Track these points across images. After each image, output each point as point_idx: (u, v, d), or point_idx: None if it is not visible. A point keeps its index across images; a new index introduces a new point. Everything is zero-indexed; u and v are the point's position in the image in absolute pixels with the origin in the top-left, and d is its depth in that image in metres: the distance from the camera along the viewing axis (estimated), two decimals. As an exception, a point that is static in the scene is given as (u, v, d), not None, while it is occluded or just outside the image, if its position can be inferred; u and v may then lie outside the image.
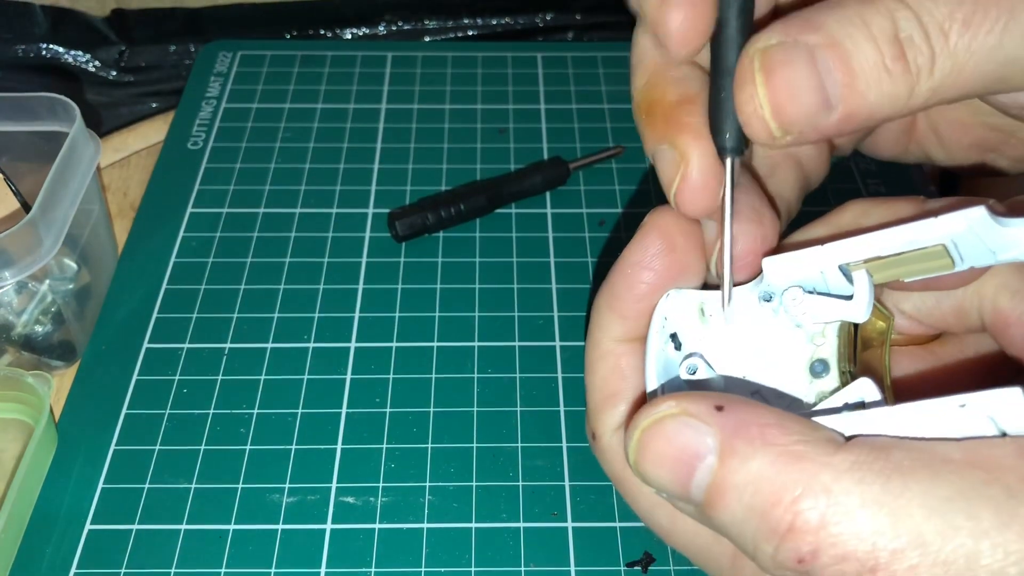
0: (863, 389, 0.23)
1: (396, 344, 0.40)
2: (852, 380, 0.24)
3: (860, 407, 0.23)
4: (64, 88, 0.49)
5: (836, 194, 0.44)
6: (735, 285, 0.26)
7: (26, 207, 0.40)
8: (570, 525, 0.34)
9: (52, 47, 0.58)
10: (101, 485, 0.35)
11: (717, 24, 0.24)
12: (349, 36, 0.60)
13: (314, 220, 0.45)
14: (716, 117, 0.24)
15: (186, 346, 0.40)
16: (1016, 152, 0.31)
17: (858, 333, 0.26)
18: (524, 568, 0.33)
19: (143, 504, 0.34)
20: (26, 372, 0.36)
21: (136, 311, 0.41)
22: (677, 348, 0.26)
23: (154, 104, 0.58)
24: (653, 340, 0.26)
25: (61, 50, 0.58)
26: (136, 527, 0.34)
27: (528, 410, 0.38)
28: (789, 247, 0.26)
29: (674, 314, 0.26)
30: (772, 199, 0.28)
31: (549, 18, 0.60)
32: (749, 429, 0.21)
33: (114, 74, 0.59)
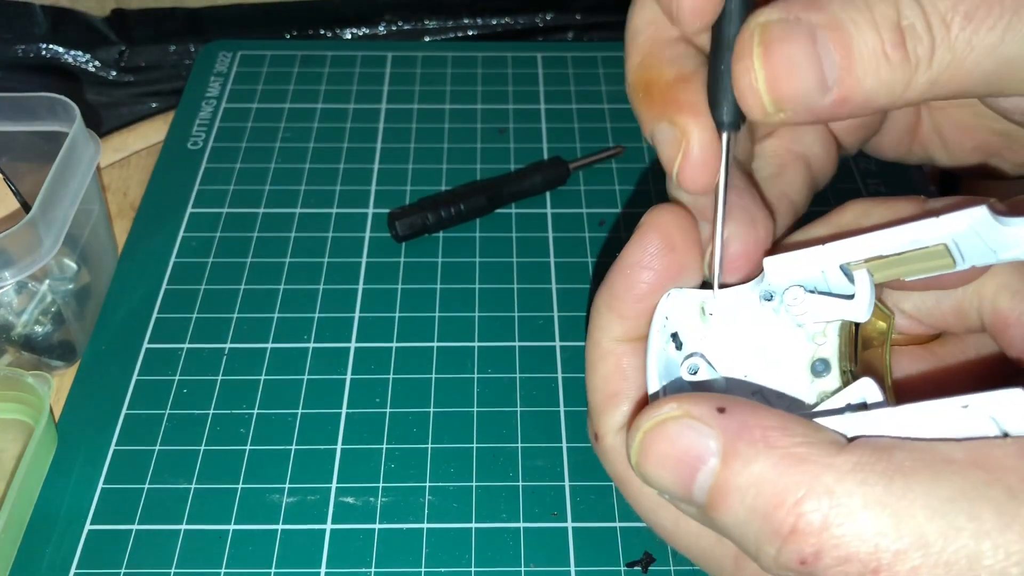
0: (865, 389, 0.23)
1: (396, 344, 0.40)
2: (853, 379, 0.24)
3: (862, 407, 0.23)
4: (64, 88, 0.49)
5: (836, 194, 0.44)
6: (731, 284, 0.26)
7: (26, 207, 0.40)
8: (570, 525, 0.34)
9: (52, 47, 0.58)
10: (101, 485, 0.35)
11: None
12: (349, 36, 0.60)
13: (314, 220, 0.45)
14: (714, 90, 0.24)
15: (186, 346, 0.40)
16: (1019, 157, 0.31)
17: (859, 332, 0.26)
18: (524, 568, 0.33)
19: (143, 504, 0.34)
20: (26, 372, 0.36)
21: (136, 311, 0.41)
22: (678, 348, 0.26)
23: (154, 104, 0.58)
24: (654, 340, 0.26)
25: (61, 50, 0.58)
26: (136, 527, 0.34)
27: (528, 410, 0.38)
28: (789, 247, 0.26)
29: (675, 313, 0.26)
30: (769, 202, 0.28)
31: (549, 18, 0.60)
32: (751, 431, 0.21)
33: (114, 74, 0.59)
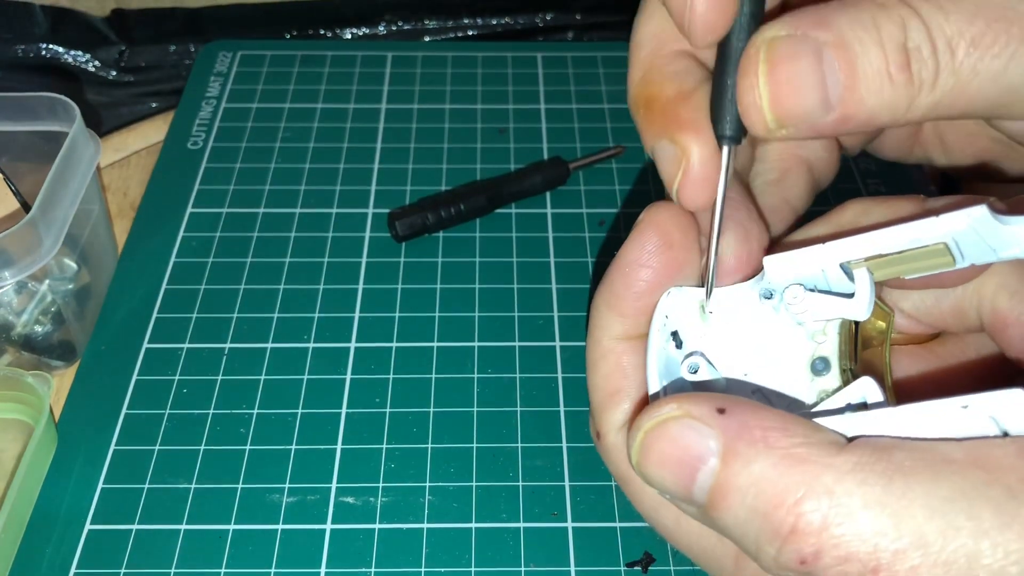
0: (865, 388, 0.23)
1: (396, 344, 0.40)
2: (853, 378, 0.24)
3: (862, 407, 0.23)
4: (64, 88, 0.49)
5: (836, 194, 0.44)
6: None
7: (26, 207, 0.40)
8: (570, 525, 0.34)
9: (52, 47, 0.58)
10: (101, 485, 0.35)
11: None
12: (349, 36, 0.60)
13: (314, 220, 0.45)
14: (718, 104, 0.24)
15: (186, 346, 0.40)
16: (1019, 166, 0.31)
17: (859, 331, 0.26)
18: (524, 568, 0.33)
19: (143, 504, 0.34)
20: (26, 372, 0.36)
21: (136, 311, 0.41)
22: (678, 346, 0.26)
23: (154, 104, 0.58)
24: (654, 339, 0.26)
25: (61, 50, 0.58)
26: (136, 527, 0.34)
27: (528, 410, 0.38)
28: (789, 246, 0.26)
29: (675, 312, 0.26)
30: (768, 209, 0.28)
31: (549, 18, 0.60)
32: (751, 432, 0.21)
33: (114, 74, 0.59)
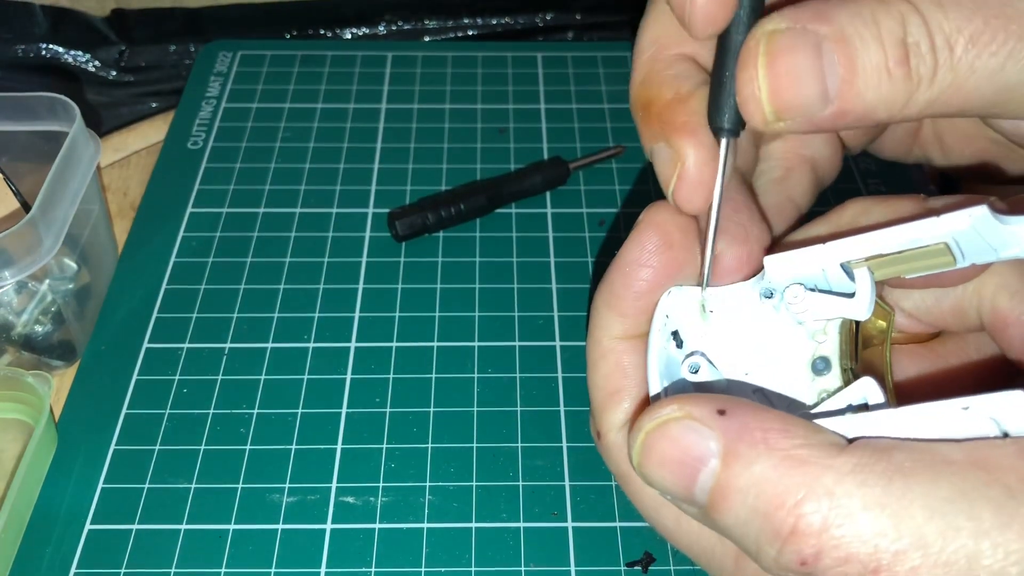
0: (866, 388, 0.23)
1: (396, 344, 0.40)
2: (854, 377, 0.24)
3: (863, 407, 0.23)
4: (64, 88, 0.49)
5: (836, 194, 0.44)
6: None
7: (26, 207, 0.40)
8: (570, 525, 0.34)
9: (52, 47, 0.58)
10: (101, 485, 0.35)
11: None
12: (349, 36, 0.60)
13: (314, 220, 0.45)
14: (716, 96, 0.24)
15: (186, 346, 0.40)
16: (1017, 167, 0.31)
17: (859, 330, 0.26)
18: (524, 568, 0.33)
19: (143, 504, 0.34)
20: (26, 372, 0.36)
21: (136, 311, 0.41)
22: (679, 346, 0.26)
23: (154, 104, 0.58)
24: (655, 339, 0.26)
25: (61, 50, 0.58)
26: (136, 527, 0.34)
27: (528, 410, 0.37)
28: (790, 245, 0.26)
29: (675, 312, 0.26)
30: (772, 208, 0.28)
31: (549, 18, 0.60)
32: (752, 433, 0.21)
33: (114, 74, 0.59)
